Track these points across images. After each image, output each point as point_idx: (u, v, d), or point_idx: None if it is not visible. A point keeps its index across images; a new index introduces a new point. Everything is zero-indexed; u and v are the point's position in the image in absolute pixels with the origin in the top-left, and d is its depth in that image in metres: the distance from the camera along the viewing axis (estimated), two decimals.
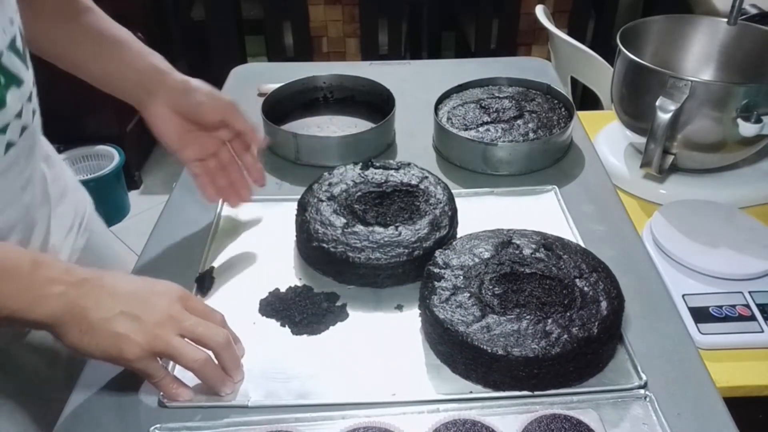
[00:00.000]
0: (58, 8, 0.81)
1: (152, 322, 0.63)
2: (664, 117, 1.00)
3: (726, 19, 1.13)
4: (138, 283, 0.67)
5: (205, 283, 0.80)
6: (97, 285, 0.63)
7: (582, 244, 0.83)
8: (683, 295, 0.91)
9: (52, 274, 0.62)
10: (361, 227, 0.82)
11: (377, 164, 0.92)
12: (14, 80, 0.68)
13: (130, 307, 0.63)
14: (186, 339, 0.64)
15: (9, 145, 0.68)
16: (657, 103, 1.01)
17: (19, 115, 0.69)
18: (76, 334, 0.61)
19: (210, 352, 0.66)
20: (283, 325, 0.75)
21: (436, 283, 0.73)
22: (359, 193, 0.87)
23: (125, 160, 2.46)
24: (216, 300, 0.79)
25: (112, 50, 0.82)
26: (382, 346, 0.73)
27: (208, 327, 0.66)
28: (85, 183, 2.22)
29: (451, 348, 0.68)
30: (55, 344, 0.67)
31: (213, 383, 0.66)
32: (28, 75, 0.71)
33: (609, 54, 1.31)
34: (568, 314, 0.69)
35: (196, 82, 0.83)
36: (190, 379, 0.67)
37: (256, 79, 1.26)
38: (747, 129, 0.99)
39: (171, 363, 0.68)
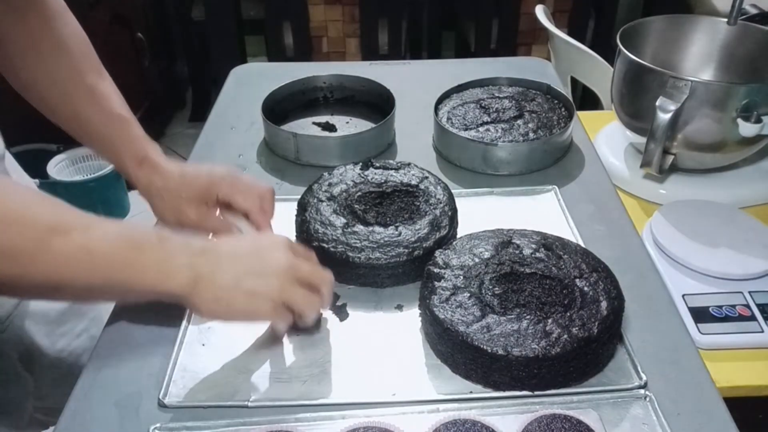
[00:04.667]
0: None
1: (275, 275, 0.66)
2: (664, 117, 1.00)
3: (726, 19, 1.13)
4: (249, 242, 0.72)
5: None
6: (215, 252, 0.66)
7: (582, 244, 0.83)
8: (683, 295, 0.91)
9: (177, 247, 0.64)
10: (361, 227, 0.82)
11: (377, 164, 0.92)
12: None
13: (252, 265, 0.66)
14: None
15: None
16: (657, 103, 1.01)
17: None
18: (210, 302, 0.64)
19: None
20: None
21: (436, 283, 0.73)
22: (359, 193, 0.87)
23: None
24: None
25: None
26: (382, 346, 0.73)
27: (318, 272, 0.70)
28: (85, 183, 2.27)
29: (451, 348, 0.68)
30: None
31: (312, 320, 0.71)
32: None
33: (609, 54, 1.31)
34: (568, 314, 0.68)
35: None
36: (191, 378, 0.67)
37: (256, 79, 1.26)
38: (747, 129, 0.99)
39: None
